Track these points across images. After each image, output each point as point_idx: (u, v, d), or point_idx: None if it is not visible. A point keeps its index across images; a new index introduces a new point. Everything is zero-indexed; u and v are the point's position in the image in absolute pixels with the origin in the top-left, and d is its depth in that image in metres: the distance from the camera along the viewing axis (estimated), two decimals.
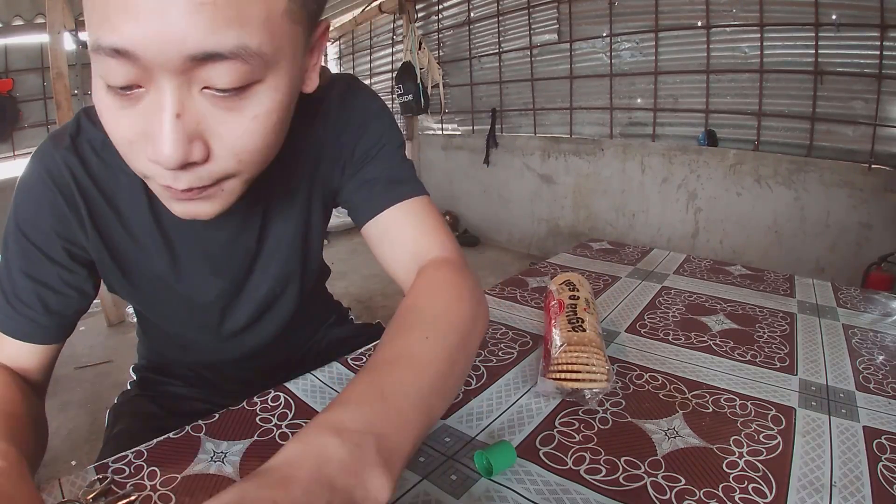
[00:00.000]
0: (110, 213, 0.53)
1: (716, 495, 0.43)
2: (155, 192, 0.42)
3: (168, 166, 0.35)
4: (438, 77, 4.09)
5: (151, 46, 0.31)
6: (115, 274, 0.57)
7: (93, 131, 0.51)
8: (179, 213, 0.42)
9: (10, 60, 3.57)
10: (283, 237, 0.60)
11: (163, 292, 0.60)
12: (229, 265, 0.59)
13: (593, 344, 0.58)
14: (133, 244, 0.55)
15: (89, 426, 1.87)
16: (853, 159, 2.55)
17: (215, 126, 0.36)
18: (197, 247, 0.57)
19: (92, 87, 0.37)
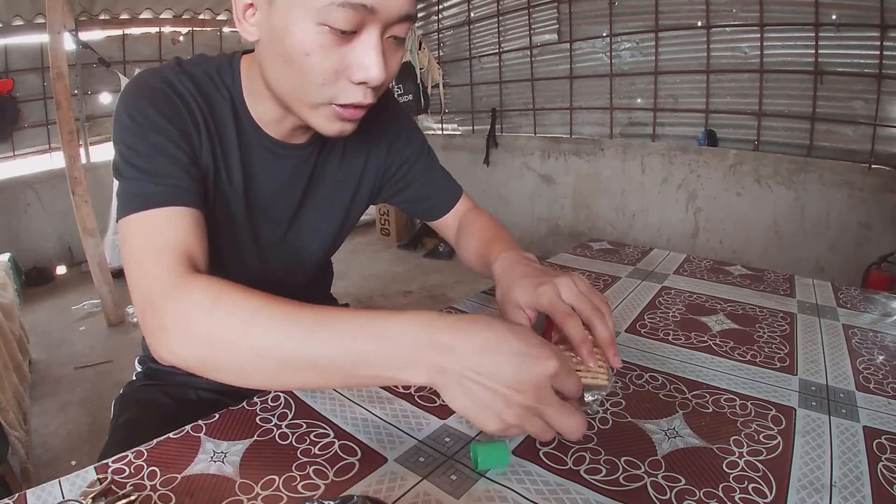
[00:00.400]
0: (216, 137, 0.60)
1: (716, 495, 0.43)
2: (322, 115, 0.54)
3: (375, 83, 0.51)
4: (438, 77, 4.09)
5: (385, 5, 0.47)
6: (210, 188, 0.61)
7: (192, 68, 0.60)
8: (333, 131, 0.56)
9: (10, 60, 3.56)
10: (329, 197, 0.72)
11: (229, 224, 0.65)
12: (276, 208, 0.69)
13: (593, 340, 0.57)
14: (225, 169, 0.62)
15: (89, 426, 1.87)
16: (853, 159, 2.55)
17: (389, 58, 0.52)
18: (261, 182, 0.66)
19: (296, 32, 0.48)
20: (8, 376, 1.75)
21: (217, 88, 0.61)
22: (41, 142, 3.83)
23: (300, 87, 0.52)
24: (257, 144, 0.64)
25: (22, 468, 1.48)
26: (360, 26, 0.48)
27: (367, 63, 0.49)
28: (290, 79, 0.52)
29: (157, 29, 4.07)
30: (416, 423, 0.53)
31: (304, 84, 0.51)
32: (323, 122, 0.55)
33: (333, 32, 0.47)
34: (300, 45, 0.48)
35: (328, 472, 0.46)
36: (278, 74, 0.53)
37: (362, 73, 0.50)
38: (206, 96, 0.60)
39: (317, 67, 0.49)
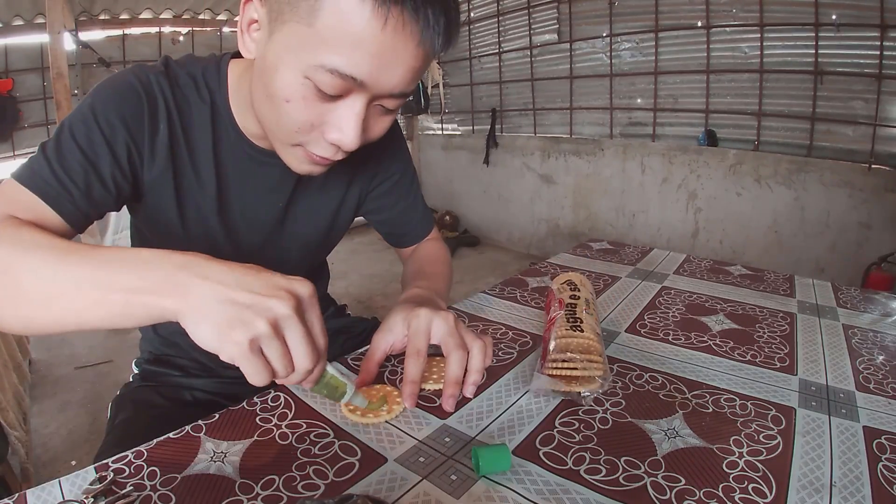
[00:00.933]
0: (183, 141, 0.60)
1: (716, 495, 0.43)
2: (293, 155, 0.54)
3: (347, 148, 0.51)
4: (438, 77, 4.09)
5: (375, 81, 0.46)
6: (170, 200, 0.61)
7: (179, 71, 0.59)
8: (302, 171, 0.56)
9: (10, 60, 3.56)
10: (314, 206, 0.71)
11: (202, 227, 0.65)
12: (258, 217, 0.68)
13: (590, 344, 0.58)
14: (194, 174, 0.62)
15: (89, 426, 1.87)
16: (853, 159, 2.55)
17: (372, 125, 0.52)
18: (240, 189, 0.65)
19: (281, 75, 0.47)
20: (8, 376, 1.75)
21: (199, 92, 0.60)
22: (41, 142, 3.82)
23: (276, 125, 0.52)
24: (239, 151, 0.63)
25: (22, 468, 1.48)
26: (347, 92, 0.47)
27: (344, 128, 0.49)
28: (269, 114, 0.52)
29: (157, 29, 4.06)
30: (416, 423, 0.53)
31: (279, 124, 0.51)
32: (293, 161, 0.55)
33: (318, 90, 0.47)
34: (282, 91, 0.48)
35: (328, 472, 0.46)
36: (260, 104, 0.53)
37: (336, 135, 0.50)
38: (184, 100, 0.59)
39: (294, 116, 0.49)
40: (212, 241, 0.67)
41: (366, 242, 4.41)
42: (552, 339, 0.59)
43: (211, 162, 0.62)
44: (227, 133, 0.62)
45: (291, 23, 0.45)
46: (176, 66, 0.60)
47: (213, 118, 0.61)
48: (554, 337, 0.59)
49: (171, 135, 0.58)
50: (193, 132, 0.60)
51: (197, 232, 0.65)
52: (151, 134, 0.57)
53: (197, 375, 0.78)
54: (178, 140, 0.59)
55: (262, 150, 0.63)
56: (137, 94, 0.56)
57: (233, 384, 0.79)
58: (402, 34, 0.44)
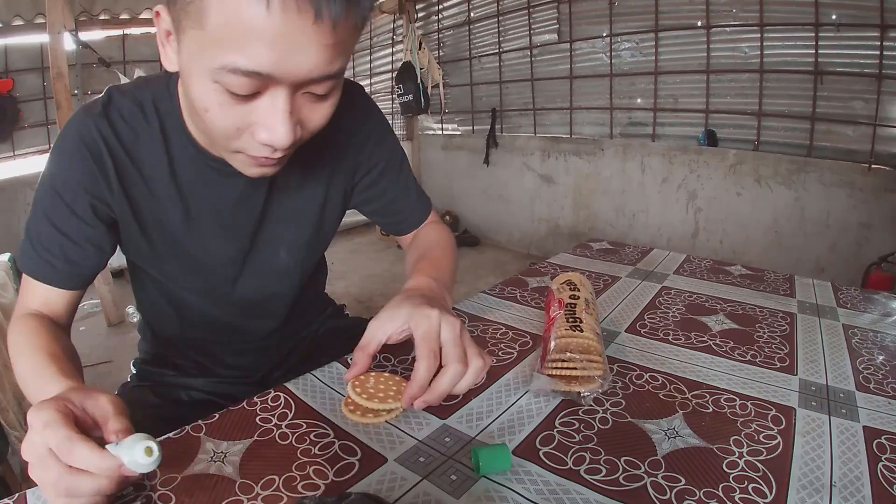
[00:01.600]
0: (135, 172, 0.60)
1: (716, 495, 0.43)
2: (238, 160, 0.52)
3: (281, 147, 0.47)
4: (438, 77, 4.08)
5: (284, 72, 0.42)
6: (135, 229, 0.63)
7: (121, 101, 0.59)
8: (253, 175, 0.54)
9: (10, 60, 3.56)
10: (294, 206, 0.69)
11: (174, 248, 0.65)
12: (236, 223, 0.66)
13: (590, 344, 0.58)
14: (152, 199, 0.62)
15: None
16: (853, 159, 2.55)
17: (307, 115, 0.48)
18: (208, 203, 0.63)
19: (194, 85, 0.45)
20: (8, 376, 1.75)
21: (146, 118, 0.59)
22: (41, 142, 3.82)
23: (208, 134, 0.51)
24: (200, 166, 0.61)
25: (22, 468, 1.48)
26: (262, 89, 0.44)
27: (272, 126, 0.45)
28: (199, 124, 0.52)
29: None
30: (416, 423, 0.53)
31: (210, 134, 0.50)
32: (241, 166, 0.53)
33: (230, 93, 0.43)
34: (199, 101, 0.45)
35: (328, 472, 0.46)
36: (191, 116, 0.53)
37: (265, 135, 0.46)
38: (130, 131, 0.59)
39: (217, 124, 0.46)
40: (186, 259, 0.67)
41: (365, 242, 4.41)
42: (552, 339, 0.59)
43: (170, 185, 0.61)
44: (186, 151, 0.60)
45: (189, 30, 0.42)
46: (119, 96, 0.59)
47: (165, 140, 0.60)
48: (554, 337, 0.59)
49: (120, 173, 0.59)
50: (145, 160, 0.60)
51: (170, 253, 0.66)
52: (105, 182, 0.59)
53: (193, 375, 0.79)
54: (129, 175, 0.60)
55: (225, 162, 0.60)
56: (82, 153, 0.57)
57: (228, 383, 0.79)
58: (293, 13, 0.39)
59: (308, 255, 0.75)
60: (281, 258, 0.72)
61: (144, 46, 4.07)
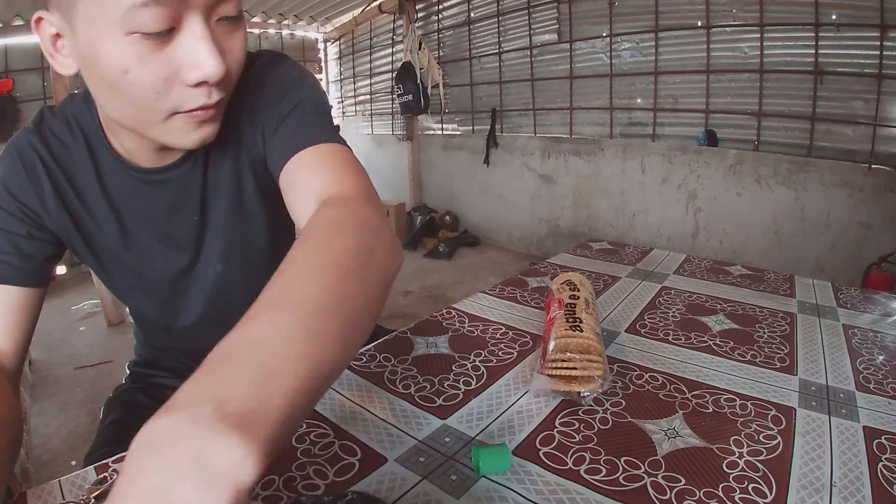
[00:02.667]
0: (69, 188, 0.58)
1: (716, 495, 0.43)
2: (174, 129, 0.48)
3: (215, 79, 0.44)
4: (438, 77, 4.08)
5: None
6: (80, 244, 0.60)
7: (52, 120, 0.58)
8: (194, 141, 0.49)
9: (10, 60, 3.56)
10: (221, 208, 0.61)
11: (117, 265, 0.63)
12: (173, 235, 0.62)
13: (590, 344, 0.58)
14: (88, 216, 0.59)
15: (89, 426, 1.87)
16: (853, 159, 2.55)
17: (228, 45, 0.46)
18: (141, 215, 0.60)
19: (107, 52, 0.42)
20: None
21: (72, 134, 0.57)
22: None
23: (134, 109, 0.46)
24: (125, 178, 0.58)
25: (22, 468, 1.48)
26: (177, 21, 0.41)
27: (198, 59, 0.43)
28: (121, 103, 0.46)
29: None
30: (416, 423, 0.53)
31: (137, 105, 0.45)
32: (177, 136, 0.49)
33: (147, 38, 0.41)
34: (116, 64, 0.42)
35: (328, 472, 0.46)
36: (108, 101, 0.47)
37: (196, 73, 0.43)
38: (61, 147, 0.57)
39: (141, 82, 0.43)
40: (132, 276, 0.64)
41: None
42: (552, 339, 0.59)
43: (102, 201, 0.59)
44: (111, 166, 0.58)
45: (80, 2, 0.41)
46: (50, 115, 0.59)
47: (92, 156, 0.58)
48: (553, 337, 0.59)
49: (56, 187, 0.57)
50: (77, 176, 0.58)
51: (118, 269, 0.64)
52: (38, 193, 0.57)
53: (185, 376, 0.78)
54: (64, 190, 0.58)
55: (150, 171, 0.58)
56: (14, 162, 0.56)
57: None
58: None
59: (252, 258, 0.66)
60: (235, 262, 0.65)
61: None
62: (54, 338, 2.66)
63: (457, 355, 0.68)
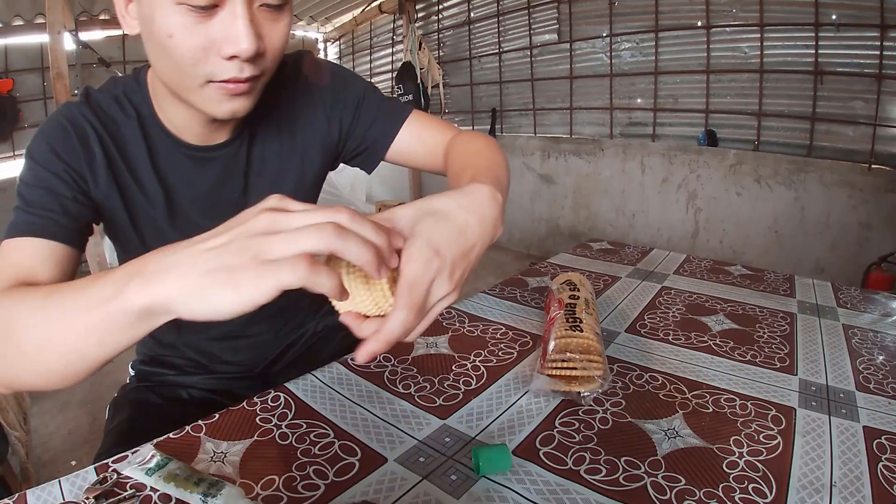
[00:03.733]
0: (120, 160, 0.60)
1: (716, 495, 0.43)
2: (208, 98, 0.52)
3: (246, 55, 0.48)
4: (438, 77, 4.08)
5: None
6: (124, 217, 0.62)
7: (100, 97, 0.60)
8: (224, 112, 0.53)
9: (10, 60, 3.56)
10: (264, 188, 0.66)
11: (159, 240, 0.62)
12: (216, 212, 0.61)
13: (590, 344, 0.58)
14: (138, 189, 0.61)
15: (89, 426, 1.87)
16: (853, 159, 2.55)
17: (266, 30, 0.50)
18: (188, 191, 0.64)
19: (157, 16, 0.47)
20: None
21: (123, 110, 0.61)
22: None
23: (176, 72, 0.51)
24: (175, 154, 0.62)
25: (22, 468, 1.48)
26: (220, 1, 0.46)
27: (233, 34, 0.47)
28: (167, 65, 0.51)
29: None
30: (416, 423, 0.53)
31: (178, 68, 0.50)
32: (211, 104, 0.53)
33: (192, 10, 0.46)
34: (163, 28, 0.47)
35: (328, 472, 0.46)
36: (158, 63, 0.53)
37: (230, 47, 0.48)
38: (111, 122, 0.60)
39: (182, 48, 0.48)
40: None
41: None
42: (552, 339, 0.59)
43: (152, 175, 0.62)
44: (162, 141, 0.62)
45: None
46: (97, 93, 0.61)
47: (143, 131, 0.61)
48: (553, 337, 0.59)
49: (107, 156, 0.59)
50: (128, 150, 0.61)
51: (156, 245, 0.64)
52: (88, 160, 0.58)
53: (192, 373, 0.79)
54: (114, 160, 0.60)
55: (197, 148, 0.63)
56: (63, 128, 0.57)
57: (228, 380, 0.79)
58: None
59: None
60: None
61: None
62: None
63: (457, 355, 0.68)
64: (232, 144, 0.64)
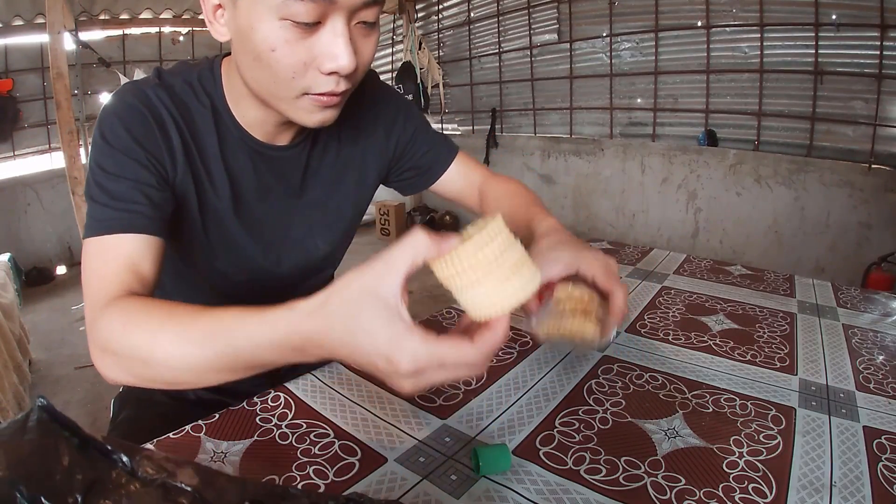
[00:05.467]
0: (193, 147, 0.61)
1: (716, 495, 0.43)
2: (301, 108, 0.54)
3: (346, 72, 0.51)
4: (438, 77, 4.09)
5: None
6: (194, 207, 0.62)
7: (173, 80, 0.61)
8: (315, 122, 0.56)
9: (10, 60, 3.56)
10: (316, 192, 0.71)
11: (223, 234, 0.66)
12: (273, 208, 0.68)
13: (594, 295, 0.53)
14: (207, 178, 0.62)
15: (90, 426, 1.86)
16: (853, 159, 2.55)
17: (361, 46, 0.52)
18: (250, 183, 0.66)
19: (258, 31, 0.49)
20: (8, 376, 1.75)
21: (197, 97, 0.61)
22: (41, 142, 3.82)
23: (273, 83, 0.52)
24: (243, 147, 0.64)
25: None
26: (323, 16, 0.48)
27: (335, 52, 0.49)
28: (262, 75, 0.52)
29: (157, 29, 4.07)
30: (416, 423, 0.53)
31: (276, 80, 0.52)
32: (302, 114, 0.55)
33: (297, 26, 0.47)
34: (265, 42, 0.49)
35: (328, 472, 0.46)
36: (251, 72, 0.54)
37: (331, 63, 0.50)
38: (185, 108, 0.60)
39: (284, 62, 0.50)
40: (231, 242, 0.66)
41: (365, 242, 4.40)
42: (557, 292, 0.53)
43: (220, 164, 0.63)
44: (231, 133, 0.63)
45: None
46: (169, 75, 0.61)
47: (216, 120, 0.62)
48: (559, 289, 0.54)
49: (183, 143, 0.59)
50: (200, 137, 0.61)
51: (217, 234, 0.65)
52: (167, 146, 0.58)
53: None
54: (189, 147, 0.60)
55: (264, 145, 0.64)
56: (141, 114, 0.56)
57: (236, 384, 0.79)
58: None
59: (341, 239, 0.77)
60: (317, 243, 0.73)
61: (144, 46, 4.07)
62: (54, 338, 2.66)
63: None
64: (295, 148, 0.67)
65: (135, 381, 0.47)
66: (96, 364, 0.48)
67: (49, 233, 3.78)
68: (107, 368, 0.47)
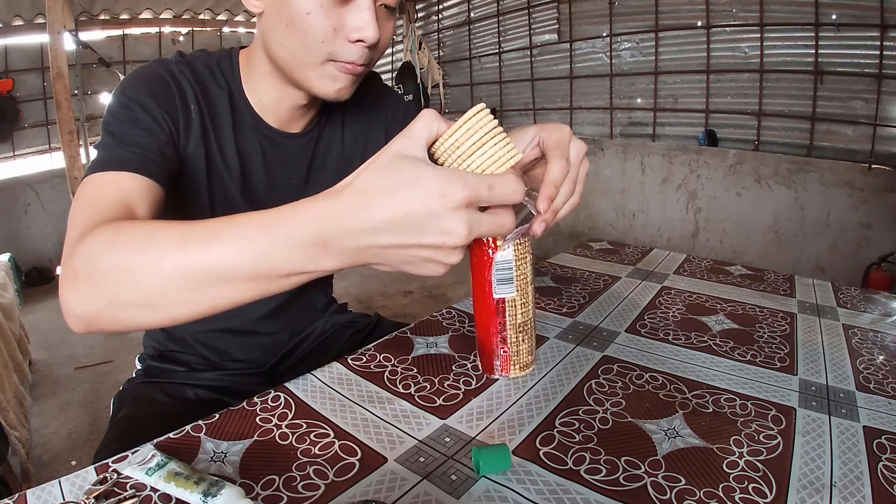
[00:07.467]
0: (210, 125, 0.64)
1: (716, 495, 0.43)
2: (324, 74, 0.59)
3: (370, 42, 0.56)
4: (438, 77, 4.09)
5: None
6: (202, 181, 0.65)
7: (195, 62, 0.65)
8: (332, 90, 0.60)
9: (10, 60, 3.56)
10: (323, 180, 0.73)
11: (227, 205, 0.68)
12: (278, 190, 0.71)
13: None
14: (220, 157, 0.66)
15: (89, 426, 1.87)
16: (853, 159, 2.55)
17: (381, 26, 0.57)
18: (259, 167, 0.69)
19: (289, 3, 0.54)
20: (8, 376, 1.75)
21: (215, 79, 0.65)
22: (41, 142, 3.83)
23: (302, 48, 0.57)
24: (255, 131, 0.68)
25: (22, 468, 1.48)
26: None
27: (362, 23, 0.55)
28: (293, 41, 0.57)
29: (157, 29, 4.07)
30: (416, 423, 0.53)
31: (306, 43, 0.56)
32: (326, 81, 0.59)
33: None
34: (301, 7, 0.54)
35: (328, 472, 0.46)
36: (282, 39, 0.58)
37: (358, 33, 0.55)
38: (204, 86, 0.64)
39: (317, 25, 0.55)
40: None
41: None
42: None
43: (233, 145, 0.67)
44: (244, 117, 0.67)
45: None
46: (192, 58, 0.66)
47: (231, 104, 0.66)
48: None
49: (201, 116, 0.63)
50: (216, 116, 0.65)
51: (222, 211, 0.65)
52: (184, 114, 0.61)
53: (201, 370, 0.79)
54: (206, 123, 0.64)
55: (275, 131, 0.69)
56: (164, 79, 0.60)
57: (236, 377, 0.79)
58: None
59: None
60: None
61: (144, 46, 4.07)
62: (54, 338, 2.66)
63: (457, 355, 0.68)
64: (303, 137, 0.72)
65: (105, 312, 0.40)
66: (63, 298, 0.41)
67: (49, 233, 3.78)
68: (75, 298, 0.40)
